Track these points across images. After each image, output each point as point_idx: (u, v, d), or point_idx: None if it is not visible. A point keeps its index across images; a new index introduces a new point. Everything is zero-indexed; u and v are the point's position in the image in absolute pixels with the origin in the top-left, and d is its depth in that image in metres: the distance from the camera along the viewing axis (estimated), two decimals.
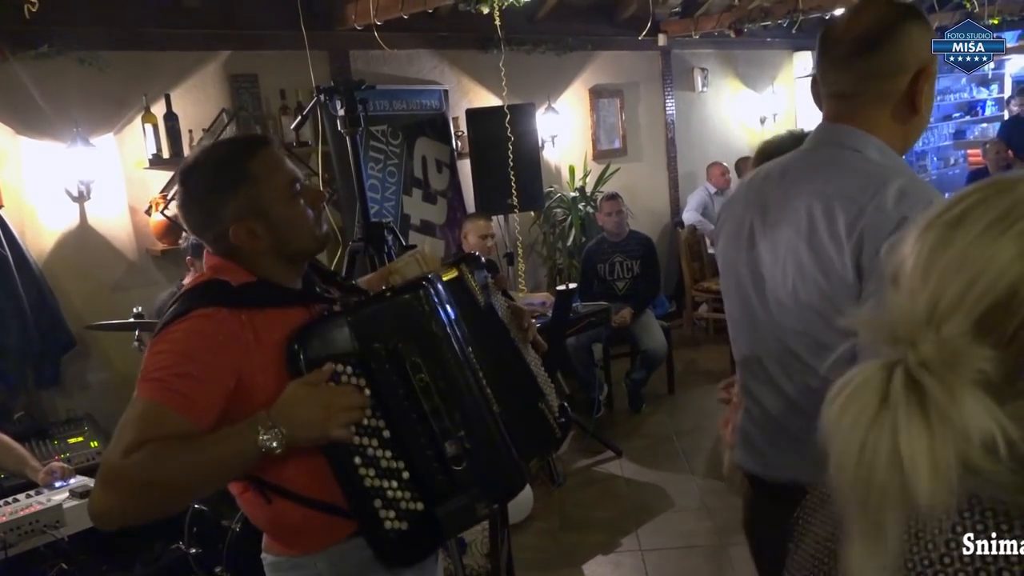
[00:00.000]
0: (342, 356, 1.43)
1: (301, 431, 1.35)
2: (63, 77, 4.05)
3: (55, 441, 3.62)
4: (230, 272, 1.46)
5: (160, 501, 1.34)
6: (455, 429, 1.46)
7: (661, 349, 5.12)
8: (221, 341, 1.36)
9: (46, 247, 4.08)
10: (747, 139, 8.06)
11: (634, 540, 3.66)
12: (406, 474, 1.46)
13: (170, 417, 1.30)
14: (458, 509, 1.48)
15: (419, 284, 1.50)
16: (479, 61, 5.78)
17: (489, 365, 1.55)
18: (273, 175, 1.47)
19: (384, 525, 1.45)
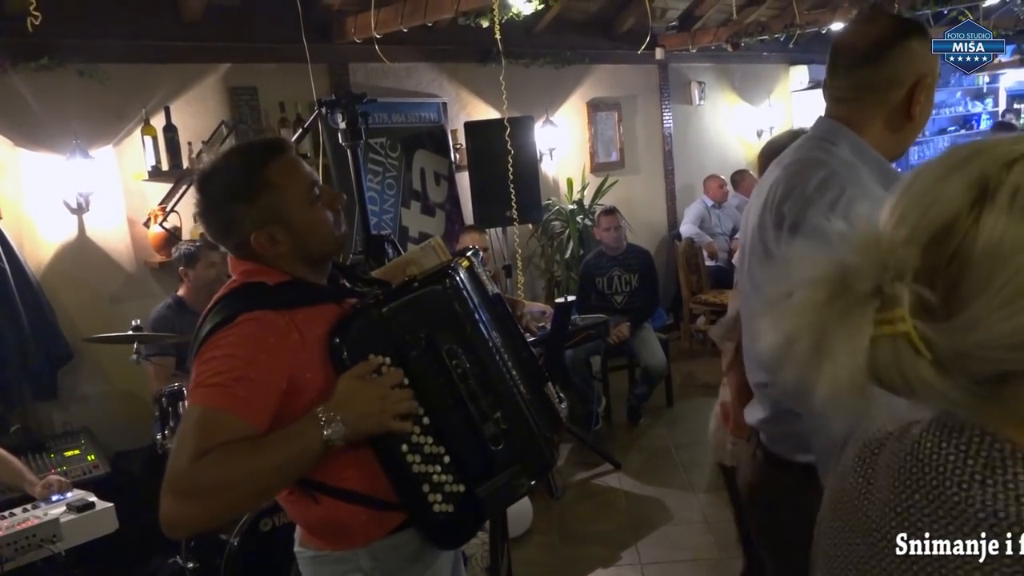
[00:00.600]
0: (381, 347, 1.47)
1: (360, 423, 1.39)
2: (63, 89, 4.05)
3: (52, 454, 3.59)
4: (263, 274, 1.50)
5: (229, 505, 1.36)
6: (492, 411, 1.54)
7: (661, 365, 5.12)
8: (273, 343, 1.39)
9: (44, 259, 4.07)
10: (744, 152, 8.09)
11: (634, 554, 3.64)
12: (447, 458, 1.52)
13: (230, 421, 1.32)
14: (501, 487, 1.56)
15: (446, 273, 1.55)
16: (477, 74, 5.80)
17: (508, 349, 1.63)
18: (291, 182, 1.48)
19: (433, 508, 1.51)
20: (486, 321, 1.59)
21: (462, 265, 1.63)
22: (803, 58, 8.46)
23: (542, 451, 1.62)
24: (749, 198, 6.28)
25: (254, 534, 2.94)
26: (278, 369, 1.39)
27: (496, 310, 1.68)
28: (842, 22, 6.13)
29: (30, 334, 3.83)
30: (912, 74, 1.48)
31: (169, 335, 3.55)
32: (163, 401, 3.30)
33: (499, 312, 1.70)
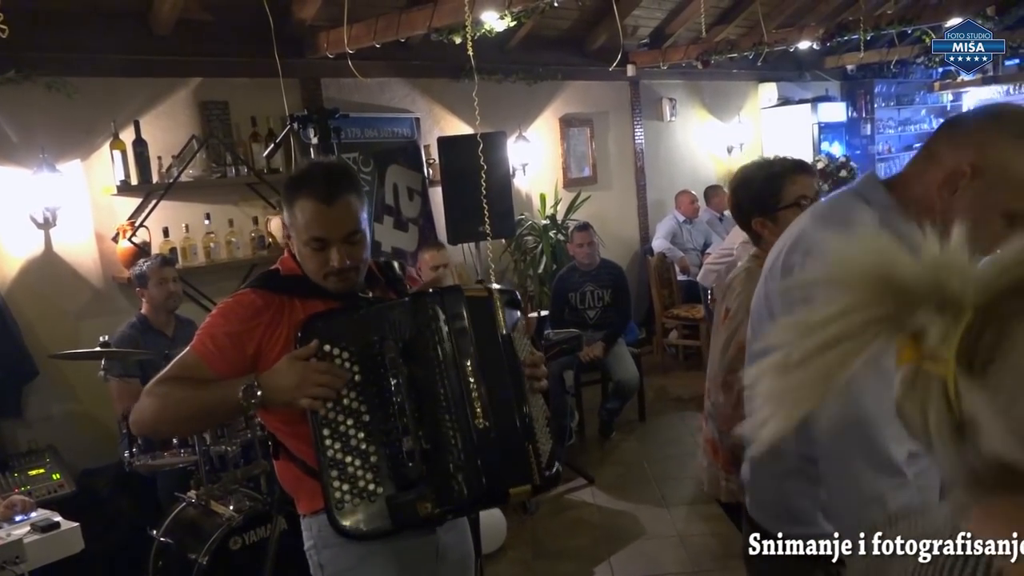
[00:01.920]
0: (339, 341, 1.65)
1: (274, 394, 1.62)
2: (30, 103, 4.00)
3: (16, 473, 3.52)
4: (286, 264, 1.81)
5: (169, 422, 1.82)
6: (416, 428, 1.63)
7: (633, 380, 5.14)
8: (249, 315, 1.72)
9: (9, 274, 4.01)
10: (714, 168, 8.18)
11: (607, 568, 3.64)
12: (374, 458, 1.63)
13: (198, 365, 1.71)
14: (403, 503, 1.61)
15: (425, 293, 1.73)
16: (450, 90, 5.82)
17: (489, 386, 1.69)
18: (302, 221, 1.71)
19: (334, 495, 1.62)
20: (459, 349, 1.67)
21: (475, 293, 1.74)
22: (772, 75, 8.60)
23: (463, 484, 1.62)
24: (719, 213, 6.28)
25: (224, 553, 2.90)
26: (246, 336, 1.70)
27: (497, 351, 1.71)
28: (809, 40, 6.25)
29: None
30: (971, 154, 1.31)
31: (135, 351, 3.51)
32: (129, 419, 3.25)
33: (500, 355, 1.71)
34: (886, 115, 10.22)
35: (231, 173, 4.62)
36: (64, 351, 3.52)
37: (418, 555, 1.74)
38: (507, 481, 1.68)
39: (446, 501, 1.63)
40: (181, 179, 4.38)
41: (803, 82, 9.03)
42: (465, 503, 1.66)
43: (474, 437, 1.64)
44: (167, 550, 3.06)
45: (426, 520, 1.64)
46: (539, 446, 1.73)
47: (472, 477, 1.62)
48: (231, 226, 4.66)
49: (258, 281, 1.80)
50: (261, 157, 4.65)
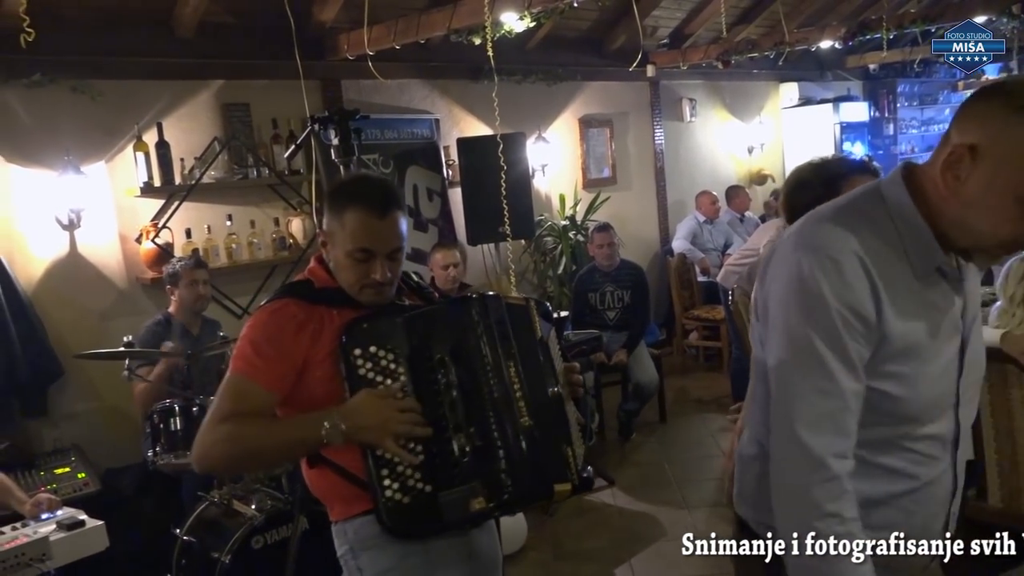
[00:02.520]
0: (384, 344, 1.67)
1: (359, 433, 1.61)
2: (55, 105, 4.05)
3: (42, 472, 3.57)
4: (318, 276, 1.79)
5: (240, 462, 1.86)
6: (467, 425, 1.65)
7: (653, 382, 5.11)
8: (293, 327, 1.68)
9: (35, 275, 4.05)
10: (735, 168, 8.14)
11: (628, 570, 3.62)
12: (422, 457, 1.64)
13: (251, 387, 1.65)
14: (456, 499, 1.63)
15: (468, 297, 1.77)
16: (470, 91, 5.82)
17: (532, 387, 1.73)
18: (350, 232, 1.72)
19: (385, 492, 1.62)
20: (502, 350, 1.71)
21: (515, 301, 1.81)
22: (793, 75, 8.53)
23: (517, 479, 1.64)
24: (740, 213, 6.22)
25: (246, 552, 2.92)
26: (293, 349, 1.67)
27: (535, 357, 1.77)
28: (831, 40, 6.20)
29: (20, 351, 3.81)
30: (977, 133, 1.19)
31: (158, 351, 3.54)
32: (154, 418, 3.28)
33: (538, 360, 1.78)
34: (909, 115, 10.11)
35: (252, 174, 4.65)
36: (88, 351, 3.56)
37: (453, 555, 1.75)
38: (551, 478, 1.70)
39: (496, 496, 1.64)
40: (203, 180, 4.41)
41: (824, 82, 8.96)
42: (515, 499, 1.67)
43: (521, 435, 1.66)
44: (190, 549, 3.08)
45: (477, 516, 1.66)
46: (575, 448, 1.77)
47: (521, 473, 1.64)
48: (253, 227, 4.69)
49: (292, 291, 1.77)
50: (282, 158, 4.68)
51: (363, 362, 1.66)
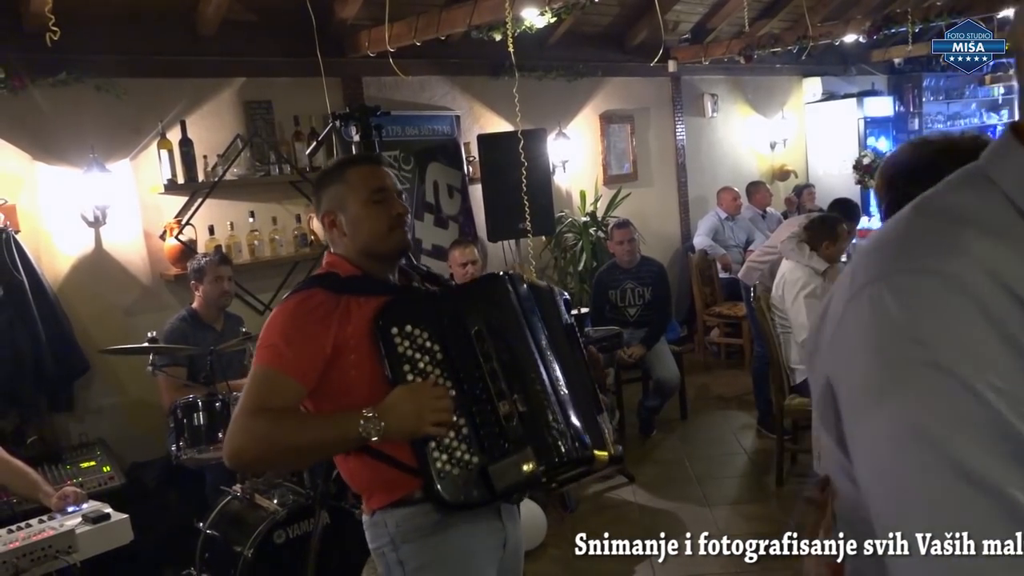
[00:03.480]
0: (419, 322, 1.70)
1: (397, 424, 1.63)
2: (80, 103, 4.10)
3: (68, 466, 3.61)
4: (340, 267, 1.80)
5: (275, 461, 1.91)
6: (510, 392, 1.67)
7: (674, 378, 5.09)
8: (320, 315, 1.68)
9: (61, 272, 4.11)
10: (757, 164, 8.08)
11: (648, 567, 3.61)
12: (466, 430, 1.67)
13: (279, 378, 1.64)
14: (509, 465, 1.64)
15: (496, 274, 1.84)
16: (490, 87, 5.82)
17: (562, 360, 1.77)
18: (359, 181, 1.80)
19: (436, 465, 1.65)
20: (534, 323, 1.76)
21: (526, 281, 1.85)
22: (816, 70, 8.46)
23: (564, 440, 1.66)
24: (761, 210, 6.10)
25: (268, 546, 2.95)
26: (322, 336, 1.66)
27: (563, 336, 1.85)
28: (855, 34, 6.13)
29: (47, 346, 3.85)
30: None
31: (184, 347, 3.57)
32: (178, 413, 3.31)
33: (566, 340, 1.85)
34: (935, 109, 9.99)
35: (274, 172, 4.68)
36: (113, 347, 3.60)
37: (490, 542, 1.78)
38: (591, 444, 1.72)
39: (547, 458, 1.66)
40: (226, 178, 4.45)
41: (848, 76, 8.87)
42: (563, 461, 1.68)
43: (560, 400, 1.69)
44: (213, 542, 3.11)
45: (528, 480, 1.66)
46: (606, 422, 1.83)
47: (566, 437, 1.67)
48: (274, 224, 4.72)
49: (317, 281, 1.77)
50: (304, 156, 4.70)
51: (400, 340, 1.68)
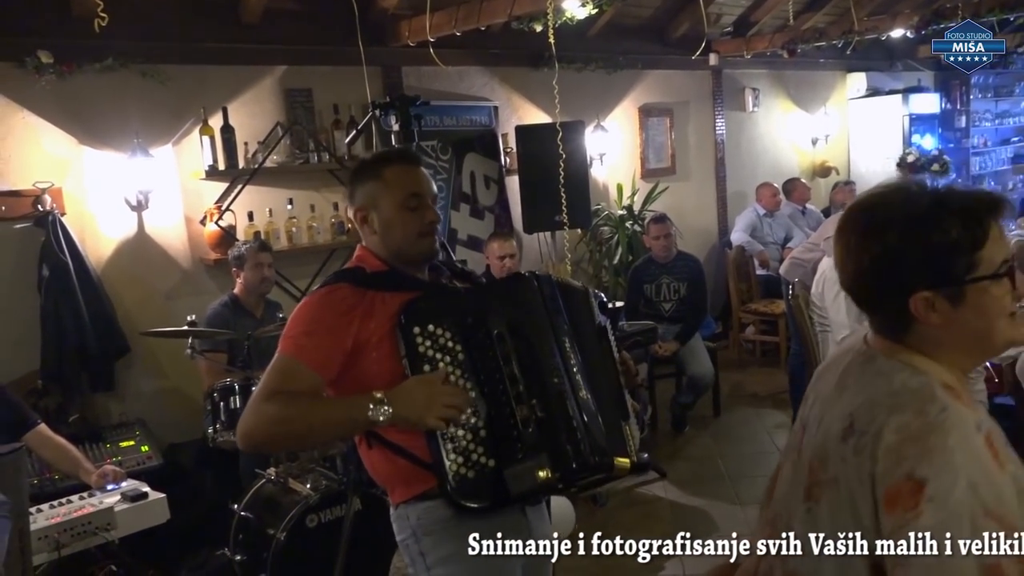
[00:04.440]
0: (442, 321, 1.70)
1: (404, 412, 1.63)
2: (126, 89, 4.16)
3: (108, 444, 3.69)
4: (367, 262, 1.82)
5: (284, 441, 1.94)
6: (529, 396, 1.65)
7: (708, 375, 5.05)
8: (342, 309, 1.70)
9: (104, 254, 4.18)
10: (798, 160, 7.97)
11: (678, 564, 3.60)
12: (483, 432, 1.66)
13: (297, 367, 1.66)
14: (522, 469, 1.63)
15: (522, 274, 1.80)
16: (529, 78, 5.81)
17: (588, 364, 1.74)
18: (396, 182, 1.80)
19: (449, 467, 1.65)
20: (559, 325, 1.73)
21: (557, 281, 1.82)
22: (861, 65, 8.30)
23: (580, 448, 1.64)
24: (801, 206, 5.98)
25: (300, 529, 2.98)
26: (343, 331, 1.68)
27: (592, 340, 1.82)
28: (902, 29, 6.00)
29: (90, 327, 3.93)
30: None
31: (223, 332, 3.62)
32: (215, 396, 3.36)
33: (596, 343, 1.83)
34: (983, 107, 9.75)
35: (313, 159, 4.71)
36: (154, 329, 3.66)
37: (513, 538, 1.74)
38: (611, 451, 1.70)
39: (562, 466, 1.64)
40: (265, 165, 4.49)
41: (894, 72, 8.69)
42: (579, 469, 1.66)
43: (581, 406, 1.67)
44: (247, 524, 3.16)
45: (543, 487, 1.65)
46: (632, 429, 1.80)
47: (584, 444, 1.64)
48: (312, 211, 4.76)
49: (344, 276, 1.79)
50: (342, 144, 4.73)
51: (422, 340, 1.68)
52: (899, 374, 1.16)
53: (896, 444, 1.07)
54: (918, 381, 1.14)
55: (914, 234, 1.13)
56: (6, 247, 3.91)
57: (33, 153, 3.97)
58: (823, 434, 1.21)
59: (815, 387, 1.34)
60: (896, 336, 1.20)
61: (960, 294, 1.13)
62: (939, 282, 1.13)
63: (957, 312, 1.14)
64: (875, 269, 1.17)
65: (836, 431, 1.17)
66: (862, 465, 1.10)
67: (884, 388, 1.15)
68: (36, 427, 3.10)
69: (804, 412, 1.32)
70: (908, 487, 1.04)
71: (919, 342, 1.18)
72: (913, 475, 1.04)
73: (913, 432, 1.07)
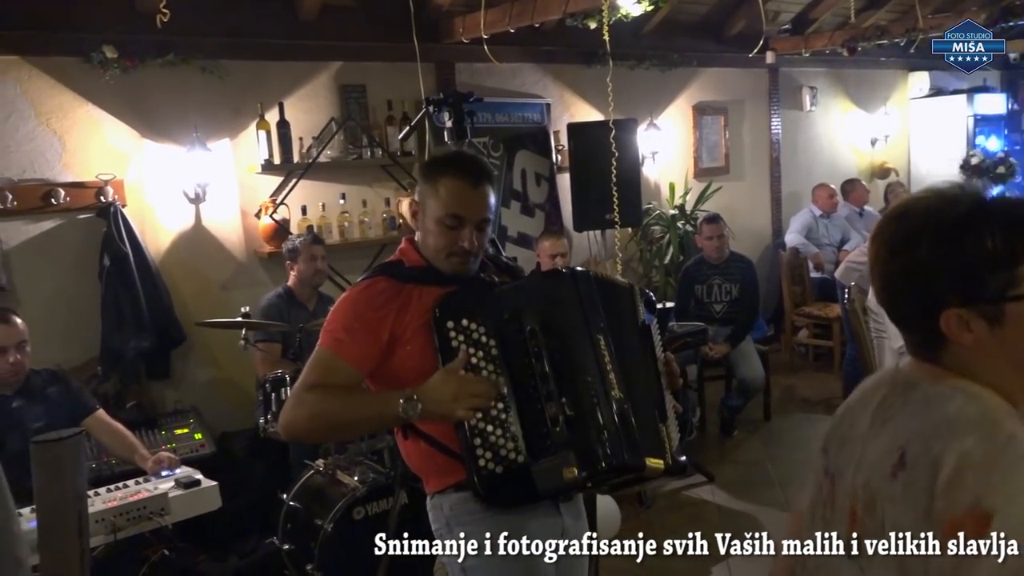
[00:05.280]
0: (476, 317, 1.71)
1: (433, 406, 1.66)
2: (186, 84, 4.25)
3: (162, 431, 3.78)
4: (408, 256, 1.84)
5: (323, 432, 2.09)
6: (560, 393, 1.65)
7: (759, 378, 4.97)
8: (380, 303, 1.74)
9: (163, 245, 4.28)
10: (855, 161, 7.79)
11: (725, 569, 3.55)
12: (514, 428, 1.66)
13: (335, 361, 1.73)
14: (550, 467, 1.63)
15: (559, 271, 1.86)
16: (582, 76, 5.77)
17: (625, 363, 1.72)
18: (440, 199, 1.78)
19: (478, 462, 1.66)
20: (594, 323, 1.70)
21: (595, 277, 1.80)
22: (923, 64, 8.06)
23: (609, 449, 1.62)
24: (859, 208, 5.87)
25: (347, 521, 3.01)
26: (380, 325, 1.73)
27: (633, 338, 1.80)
28: None
29: (148, 316, 4.03)
30: None
31: (276, 324, 3.68)
32: (267, 387, 3.42)
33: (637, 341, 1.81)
34: None
35: (366, 155, 4.76)
36: (209, 320, 3.73)
37: (546, 534, 1.74)
38: (644, 452, 1.68)
39: (590, 466, 1.63)
40: (320, 159, 4.55)
41: (958, 71, 8.43)
42: (607, 468, 1.65)
43: (613, 406, 1.65)
44: (296, 514, 3.20)
45: (571, 485, 1.65)
46: (670, 431, 1.76)
47: (614, 443, 1.63)
48: (364, 206, 4.80)
49: (383, 270, 1.83)
50: (395, 140, 4.76)
51: (455, 334, 1.70)
52: (952, 401, 1.03)
53: (958, 472, 0.95)
54: (976, 407, 1.02)
55: (946, 244, 1.03)
56: (70, 237, 4.03)
57: (96, 146, 4.08)
58: (865, 476, 1.09)
59: (837, 432, 1.21)
60: (933, 358, 1.09)
61: (999, 313, 1.01)
62: (973, 298, 1.01)
63: (995, 333, 1.02)
64: (904, 282, 1.07)
65: (883, 469, 1.05)
66: (917, 502, 0.99)
67: (938, 415, 1.03)
68: (95, 412, 3.19)
69: (827, 463, 1.22)
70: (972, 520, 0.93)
71: (958, 365, 1.06)
72: (979, 505, 0.93)
73: (977, 460, 0.95)
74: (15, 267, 3.87)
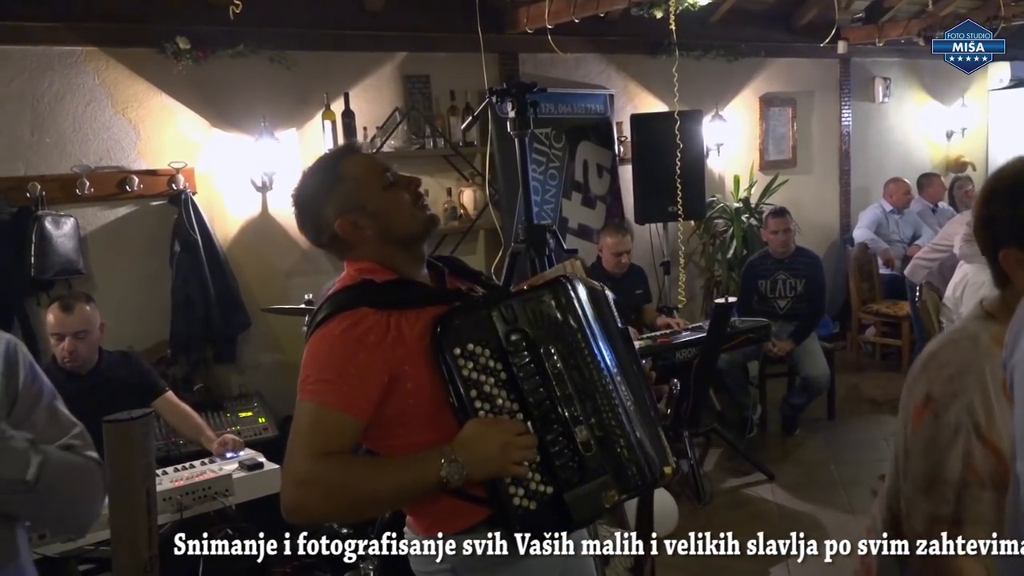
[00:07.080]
0: (481, 340, 1.50)
1: (480, 466, 1.44)
2: (254, 74, 4.33)
3: (228, 414, 3.87)
4: (373, 272, 1.57)
5: (346, 509, 1.57)
6: (586, 416, 1.52)
7: (823, 377, 4.85)
8: (373, 341, 1.46)
9: (230, 233, 4.38)
10: (930, 154, 7.53)
11: (784, 570, 3.48)
12: (537, 458, 1.50)
13: (338, 417, 1.44)
14: (588, 495, 1.51)
15: (558, 280, 1.60)
16: (646, 66, 5.70)
17: (623, 370, 1.62)
18: (363, 172, 1.61)
19: (513, 502, 1.48)
20: (597, 336, 1.59)
21: (582, 283, 1.65)
22: (1005, 54, 7.74)
23: (640, 466, 1.55)
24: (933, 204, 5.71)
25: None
26: (378, 364, 1.46)
27: (618, 340, 1.67)
28: None
29: (215, 302, 4.13)
30: None
31: None
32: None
33: (621, 343, 1.68)
34: None
35: (429, 145, 4.79)
36: (274, 306, 3.81)
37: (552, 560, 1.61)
38: (661, 461, 1.61)
39: (626, 487, 1.56)
40: (383, 149, 4.59)
41: None
42: (641, 486, 1.58)
43: (631, 420, 1.57)
44: None
45: (608, 511, 1.58)
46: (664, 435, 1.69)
47: (641, 459, 1.56)
48: (426, 196, 4.82)
49: (358, 298, 1.51)
50: (458, 130, 4.78)
51: (464, 362, 1.49)
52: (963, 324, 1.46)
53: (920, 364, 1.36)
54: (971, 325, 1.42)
55: (1010, 201, 1.35)
56: (143, 223, 4.15)
57: (168, 134, 4.19)
58: None
59: None
60: (1004, 287, 1.39)
61: None
62: None
63: None
64: (981, 227, 1.40)
65: None
66: None
67: None
68: (164, 394, 3.29)
69: None
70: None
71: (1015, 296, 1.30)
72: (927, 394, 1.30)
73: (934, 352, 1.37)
74: (92, 252, 4.00)
